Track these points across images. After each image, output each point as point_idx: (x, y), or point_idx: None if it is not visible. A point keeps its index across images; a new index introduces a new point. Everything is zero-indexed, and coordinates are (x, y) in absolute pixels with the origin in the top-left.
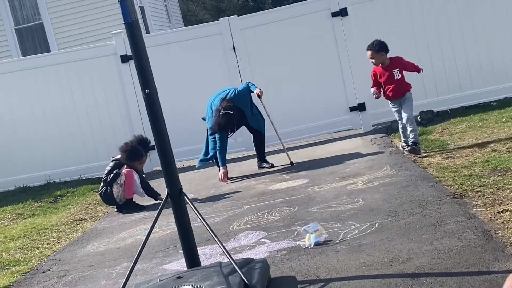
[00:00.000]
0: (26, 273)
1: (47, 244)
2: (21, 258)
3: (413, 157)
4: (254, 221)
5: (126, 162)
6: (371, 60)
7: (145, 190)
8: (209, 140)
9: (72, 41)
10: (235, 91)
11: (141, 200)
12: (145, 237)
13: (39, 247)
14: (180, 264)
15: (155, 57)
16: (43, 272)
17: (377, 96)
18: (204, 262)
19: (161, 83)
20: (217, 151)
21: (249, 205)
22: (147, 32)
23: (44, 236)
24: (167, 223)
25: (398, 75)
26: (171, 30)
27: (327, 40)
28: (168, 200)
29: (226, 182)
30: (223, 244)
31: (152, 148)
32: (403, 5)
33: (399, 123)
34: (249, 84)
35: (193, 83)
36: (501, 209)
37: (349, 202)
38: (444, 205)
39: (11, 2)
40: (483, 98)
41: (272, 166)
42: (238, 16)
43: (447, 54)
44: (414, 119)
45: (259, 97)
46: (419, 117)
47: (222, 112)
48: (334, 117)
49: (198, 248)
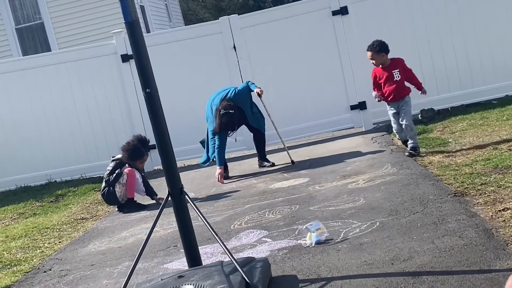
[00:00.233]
0: (27, 272)
1: (49, 243)
2: (23, 257)
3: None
4: (255, 220)
5: (128, 161)
6: (371, 61)
7: (145, 188)
8: (209, 141)
9: (72, 40)
10: (235, 90)
11: (142, 199)
12: (146, 236)
13: (40, 247)
14: (181, 263)
15: (155, 56)
16: (45, 272)
17: (379, 100)
18: (205, 261)
19: (162, 83)
20: (216, 150)
21: (250, 204)
22: (148, 31)
23: (46, 236)
24: (168, 222)
25: (398, 76)
26: (171, 29)
27: (327, 39)
28: (169, 199)
29: (222, 183)
30: (224, 243)
31: (153, 147)
32: (404, 3)
33: (393, 125)
34: (249, 83)
35: (193, 82)
36: (502, 207)
37: (350, 200)
38: (445, 203)
39: (11, 1)
40: (484, 96)
41: (273, 165)
42: (239, 15)
43: (447, 52)
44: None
45: (259, 96)
46: (420, 116)
47: (222, 112)
48: (335, 115)
49: (199, 247)
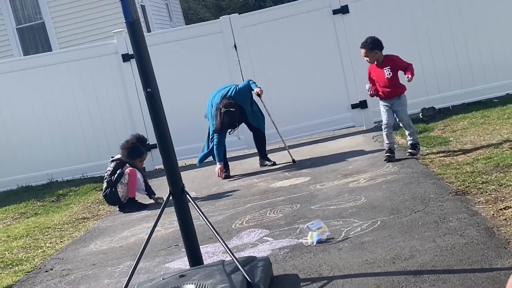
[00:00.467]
0: (29, 272)
1: (50, 243)
2: (24, 257)
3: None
4: (256, 219)
5: (127, 159)
6: (365, 58)
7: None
8: (210, 138)
9: (73, 40)
10: (236, 88)
11: (143, 198)
12: (147, 236)
13: (41, 246)
14: (183, 262)
15: (156, 55)
16: (46, 271)
17: (370, 93)
18: (206, 260)
19: (163, 82)
20: (214, 147)
21: (251, 203)
22: (148, 30)
23: (47, 235)
24: (170, 222)
25: (388, 74)
26: (172, 28)
27: (328, 38)
28: (170, 198)
29: (222, 178)
30: (226, 242)
31: (154, 146)
32: (404, 2)
33: (383, 125)
34: (250, 82)
35: (194, 82)
36: (504, 206)
37: (351, 199)
38: (447, 202)
39: (12, 1)
40: (485, 95)
41: (274, 164)
42: (239, 14)
43: (448, 50)
44: (415, 118)
45: (259, 96)
46: (420, 114)
47: (223, 110)
48: (336, 114)
49: (200, 247)
